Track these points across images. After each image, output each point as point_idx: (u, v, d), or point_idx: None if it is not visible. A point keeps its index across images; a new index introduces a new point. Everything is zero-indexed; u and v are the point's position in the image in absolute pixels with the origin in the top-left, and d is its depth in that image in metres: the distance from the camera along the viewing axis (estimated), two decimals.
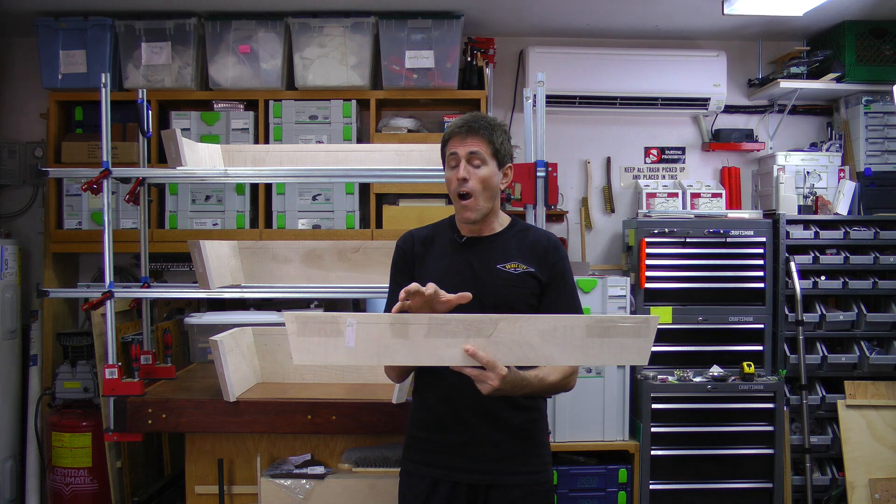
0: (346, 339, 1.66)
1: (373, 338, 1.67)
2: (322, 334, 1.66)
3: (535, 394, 1.90)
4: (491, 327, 1.65)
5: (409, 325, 1.65)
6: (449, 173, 2.00)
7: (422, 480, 1.99)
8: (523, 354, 1.69)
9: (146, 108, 3.07)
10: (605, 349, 1.68)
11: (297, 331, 1.66)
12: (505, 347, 1.67)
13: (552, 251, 2.03)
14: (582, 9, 3.93)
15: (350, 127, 3.93)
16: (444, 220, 2.12)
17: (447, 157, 2.00)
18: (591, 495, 3.64)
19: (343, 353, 1.69)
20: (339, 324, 1.66)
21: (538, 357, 1.71)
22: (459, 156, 1.96)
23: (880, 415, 3.87)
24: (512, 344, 1.67)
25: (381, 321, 1.66)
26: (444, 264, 2.01)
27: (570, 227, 4.41)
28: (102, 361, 3.10)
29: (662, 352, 3.84)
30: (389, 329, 1.65)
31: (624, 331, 1.67)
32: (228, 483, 2.69)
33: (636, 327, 1.68)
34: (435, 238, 2.07)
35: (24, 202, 4.30)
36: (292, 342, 1.68)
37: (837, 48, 4.12)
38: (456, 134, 1.98)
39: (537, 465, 2.01)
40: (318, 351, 1.69)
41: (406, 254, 2.07)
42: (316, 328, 1.66)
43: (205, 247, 2.80)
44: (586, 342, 1.67)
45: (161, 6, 3.87)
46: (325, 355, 1.70)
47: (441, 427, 1.98)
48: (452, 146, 1.98)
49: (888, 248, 3.96)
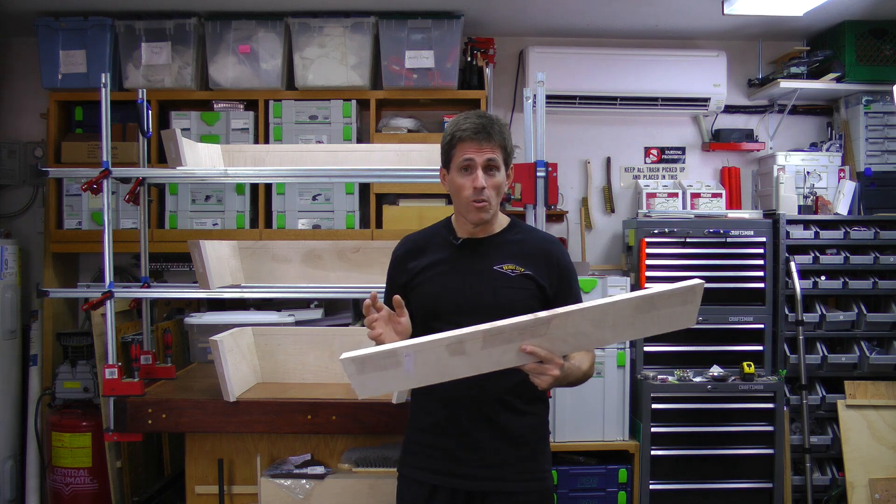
0: (404, 369, 1.66)
1: (431, 361, 1.67)
2: (381, 369, 1.66)
3: (575, 382, 1.89)
4: (544, 328, 1.66)
5: (465, 342, 1.64)
6: (461, 179, 1.93)
7: (420, 487, 1.98)
8: (577, 343, 1.73)
9: (146, 108, 3.07)
10: (655, 321, 1.71)
11: (356, 371, 1.66)
12: (559, 341, 1.69)
13: (553, 257, 2.01)
14: (582, 9, 3.93)
15: (350, 127, 3.93)
16: (438, 223, 2.11)
17: (460, 161, 1.92)
18: (591, 495, 3.64)
19: (403, 380, 1.70)
20: (397, 356, 1.65)
21: (592, 342, 1.75)
22: (476, 163, 1.91)
23: (880, 415, 3.87)
24: (567, 336, 1.69)
25: (437, 346, 1.65)
26: (441, 267, 1.99)
27: (570, 227, 4.41)
28: (102, 361, 3.10)
29: (662, 352, 3.84)
30: (447, 350, 1.65)
31: (672, 302, 1.68)
32: (228, 483, 2.69)
33: (683, 296, 1.68)
34: (430, 242, 2.05)
35: (24, 202, 4.30)
36: (352, 381, 1.67)
37: (837, 48, 4.12)
38: (471, 139, 1.91)
39: (536, 472, 1.98)
40: (379, 384, 1.69)
41: (397, 269, 2.06)
42: (374, 365, 1.65)
43: (205, 247, 2.80)
44: (636, 319, 1.69)
45: (161, 6, 3.87)
46: (386, 386, 1.71)
47: (439, 432, 1.97)
48: (468, 151, 1.92)
49: (888, 248, 3.96)
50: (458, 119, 1.97)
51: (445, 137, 1.97)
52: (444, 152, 1.98)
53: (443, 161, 2.00)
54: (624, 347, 3.69)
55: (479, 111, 2.01)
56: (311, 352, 2.90)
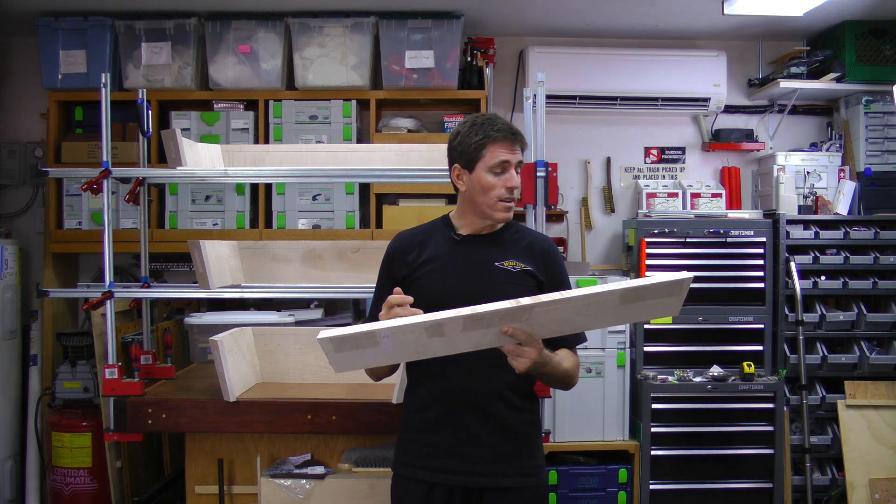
0: (382, 348, 1.67)
1: (409, 341, 1.68)
2: (358, 348, 1.67)
3: (552, 376, 1.90)
4: (526, 314, 1.66)
5: (444, 325, 1.65)
6: (493, 179, 1.97)
7: (417, 485, 1.98)
8: (559, 328, 1.74)
9: (146, 108, 3.07)
10: (638, 310, 1.72)
11: (332, 349, 1.67)
12: (540, 326, 1.70)
13: (552, 255, 2.07)
14: (582, 9, 3.93)
15: (350, 127, 3.93)
16: (435, 220, 2.13)
17: (492, 163, 1.97)
18: (591, 495, 3.64)
19: (381, 357, 1.71)
20: (374, 337, 1.66)
21: (573, 328, 1.79)
22: (511, 163, 1.98)
23: (880, 415, 3.86)
24: (548, 322, 1.70)
25: (416, 328, 1.66)
26: (442, 262, 2.01)
27: (570, 227, 4.41)
28: (102, 361, 3.10)
29: (662, 352, 3.84)
30: (425, 332, 1.66)
31: (658, 293, 1.68)
32: (228, 483, 2.68)
33: (669, 288, 1.68)
34: (430, 237, 2.07)
35: (24, 202, 4.30)
36: (330, 358, 1.68)
37: (837, 48, 4.12)
38: (505, 140, 1.97)
39: (532, 466, 2.01)
40: (357, 361, 1.71)
41: (394, 263, 2.07)
42: (351, 344, 1.67)
43: (205, 247, 2.80)
44: (620, 308, 1.69)
45: (161, 6, 3.87)
46: (363, 362, 1.73)
47: (435, 428, 1.98)
48: (503, 153, 1.97)
49: (888, 248, 3.96)
50: (480, 119, 2.01)
51: (474, 137, 1.98)
52: (472, 151, 1.99)
53: (464, 160, 2.01)
54: (624, 347, 3.69)
55: (493, 113, 2.06)
56: (311, 352, 2.90)
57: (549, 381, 1.98)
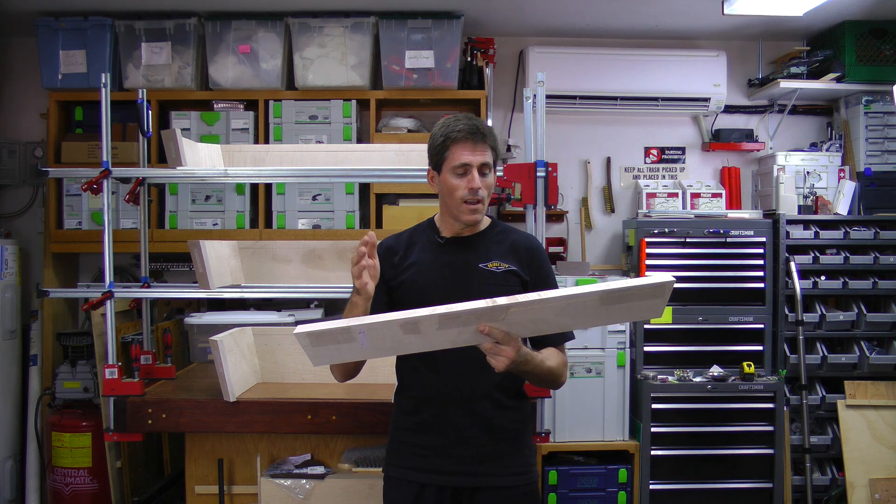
0: (359, 343, 1.68)
1: (386, 337, 1.69)
2: (335, 342, 1.68)
3: (535, 375, 1.89)
4: (502, 313, 1.65)
5: (419, 323, 1.65)
6: (456, 180, 1.96)
7: (408, 486, 1.98)
8: (537, 328, 1.74)
9: (146, 108, 3.07)
10: (620, 312, 1.70)
11: (310, 344, 1.68)
12: (518, 325, 1.69)
13: (536, 253, 2.07)
14: (582, 9, 3.93)
15: (350, 127, 3.93)
16: (420, 224, 2.13)
17: (454, 164, 1.96)
18: (591, 495, 3.64)
19: (358, 352, 1.72)
20: (350, 333, 1.67)
21: (552, 328, 1.77)
22: (472, 166, 1.95)
23: (880, 415, 3.87)
24: (525, 322, 1.69)
25: (391, 326, 1.66)
26: (427, 264, 2.01)
27: (570, 227, 4.41)
28: (102, 361, 3.10)
29: (662, 352, 3.84)
30: (401, 329, 1.67)
31: (640, 295, 1.67)
32: (228, 483, 2.68)
33: (652, 290, 1.67)
34: (416, 240, 2.08)
35: (24, 202, 4.30)
36: (308, 352, 1.70)
37: (837, 48, 4.12)
38: (465, 140, 1.95)
39: (523, 465, 2.01)
40: (334, 355, 1.74)
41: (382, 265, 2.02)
42: (328, 339, 1.68)
43: (205, 247, 2.80)
44: (600, 310, 1.68)
45: (161, 6, 3.87)
46: (341, 357, 1.76)
47: (426, 429, 1.98)
48: (462, 156, 1.95)
49: (888, 248, 3.96)
50: (448, 121, 2.01)
51: (436, 139, 2.00)
52: (436, 153, 2.01)
53: (432, 162, 2.03)
54: (624, 347, 3.69)
55: (474, 117, 2.03)
56: None
57: (532, 379, 1.96)
